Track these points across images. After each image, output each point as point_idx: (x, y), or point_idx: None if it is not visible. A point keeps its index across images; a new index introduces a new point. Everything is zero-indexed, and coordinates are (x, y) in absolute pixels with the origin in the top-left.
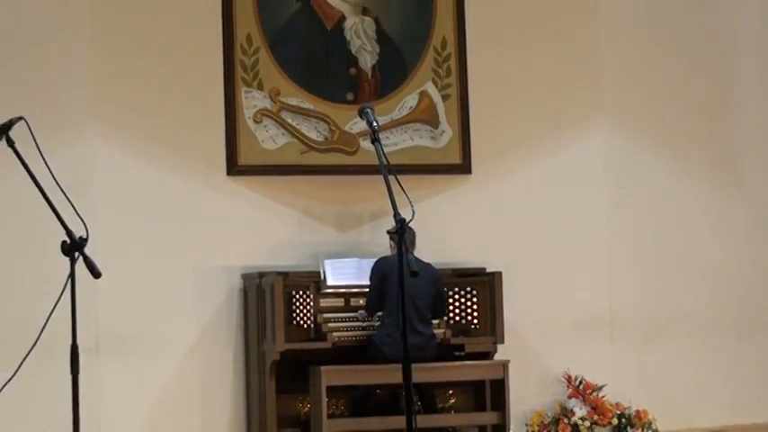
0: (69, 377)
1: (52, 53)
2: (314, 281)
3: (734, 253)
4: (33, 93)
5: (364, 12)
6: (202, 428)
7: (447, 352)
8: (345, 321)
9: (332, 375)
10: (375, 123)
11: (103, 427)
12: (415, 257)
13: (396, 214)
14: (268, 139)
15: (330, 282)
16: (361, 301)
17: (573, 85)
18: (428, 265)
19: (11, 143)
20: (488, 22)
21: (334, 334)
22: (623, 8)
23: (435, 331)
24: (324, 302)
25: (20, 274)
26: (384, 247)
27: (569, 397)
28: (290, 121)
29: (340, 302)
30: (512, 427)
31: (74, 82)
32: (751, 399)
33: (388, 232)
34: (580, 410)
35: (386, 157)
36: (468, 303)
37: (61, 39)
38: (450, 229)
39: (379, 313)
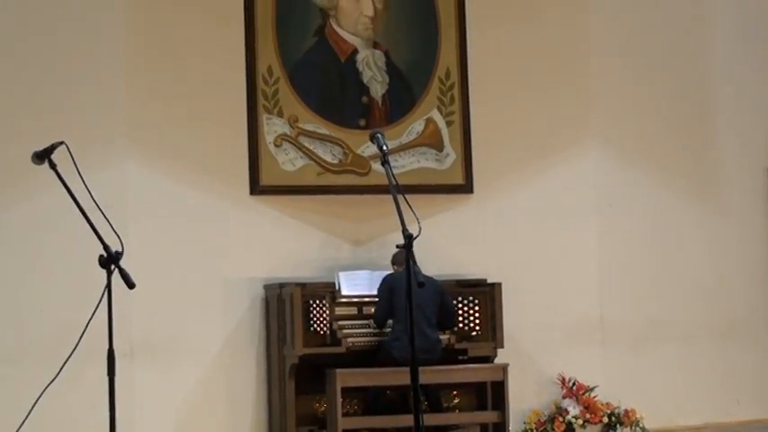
0: (106, 379)
1: (90, 84)
2: (329, 291)
3: (714, 265)
4: (73, 119)
5: (375, 45)
6: (228, 426)
7: (451, 356)
8: (358, 328)
9: (346, 377)
10: (385, 147)
11: (137, 426)
12: (419, 271)
13: (404, 230)
14: (287, 162)
15: (344, 292)
16: (372, 310)
17: (565, 113)
18: (431, 278)
19: (53, 165)
20: (488, 55)
21: (348, 339)
22: (612, 42)
23: (441, 337)
24: (339, 311)
25: (61, 285)
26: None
27: (563, 397)
28: (307, 145)
29: (353, 311)
30: (511, 424)
31: (110, 109)
32: (730, 398)
33: (398, 247)
34: (573, 410)
35: (395, 179)
36: (471, 312)
37: (99, 71)
38: (453, 244)
39: (390, 321)
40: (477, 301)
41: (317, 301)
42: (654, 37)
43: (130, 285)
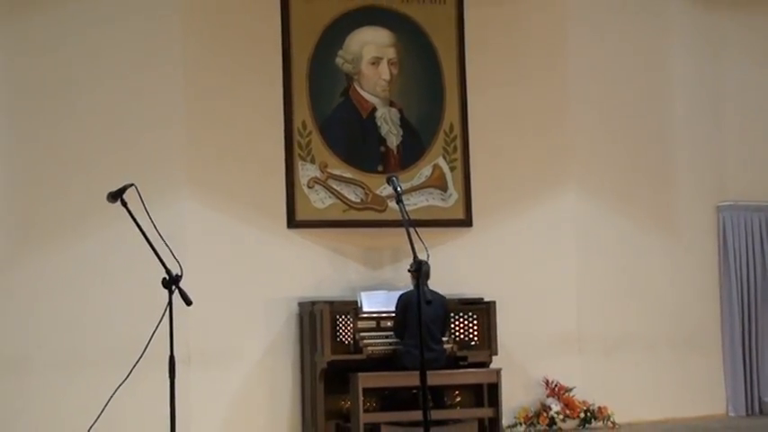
0: (168, 381)
1: (156, 135)
2: (353, 308)
3: (674, 286)
4: (141, 164)
5: (391, 104)
6: (269, 419)
7: (454, 362)
8: (377, 339)
9: (367, 380)
10: (399, 189)
11: (193, 419)
12: (429, 289)
13: (415, 257)
14: (318, 201)
15: (365, 308)
16: (389, 323)
17: (549, 160)
18: (437, 293)
19: (124, 203)
20: (485, 112)
21: (369, 348)
22: (588, 102)
23: (445, 347)
24: (361, 324)
25: (130, 302)
26: (405, 282)
27: (547, 396)
28: (334, 186)
29: (373, 324)
30: (503, 419)
31: (172, 156)
32: (687, 397)
33: (409, 270)
34: (555, 407)
35: (407, 215)
36: (470, 325)
37: (163, 124)
38: (455, 269)
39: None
40: (475, 317)
41: (343, 316)
42: (623, 98)
43: (188, 303)
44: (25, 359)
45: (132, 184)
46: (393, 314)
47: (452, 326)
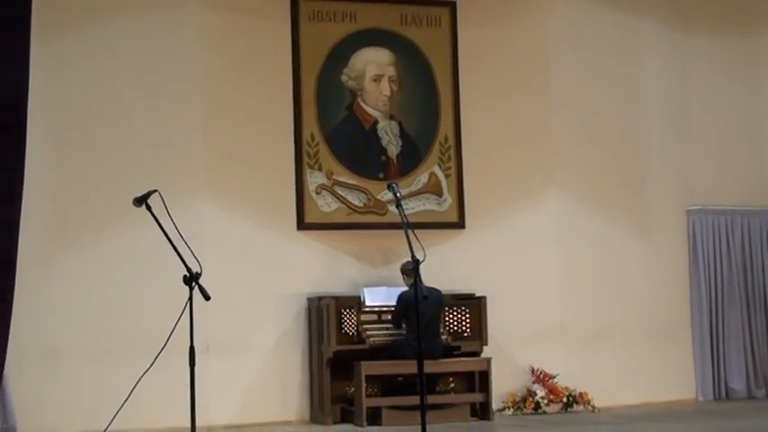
0: (188, 369)
1: (177, 145)
2: (357, 302)
3: (648, 283)
4: (164, 171)
5: (391, 117)
6: (280, 404)
7: (448, 351)
8: (378, 330)
9: (369, 368)
10: (398, 194)
11: (211, 404)
12: (426, 285)
13: (413, 256)
14: (325, 205)
15: (368, 303)
16: (389, 316)
17: (535, 167)
18: (435, 289)
19: (148, 207)
20: (477, 125)
21: (371, 339)
22: (570, 114)
23: (441, 338)
24: (363, 317)
25: (154, 298)
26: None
27: (533, 383)
28: (340, 192)
29: (374, 317)
30: (493, 403)
31: (192, 164)
32: (660, 384)
33: (406, 269)
34: (540, 392)
35: (406, 218)
36: (463, 318)
37: (184, 134)
38: (450, 267)
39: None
40: (467, 310)
41: (347, 310)
42: (601, 111)
43: (207, 298)
44: (56, 349)
45: (156, 190)
46: (393, 308)
47: (447, 319)
